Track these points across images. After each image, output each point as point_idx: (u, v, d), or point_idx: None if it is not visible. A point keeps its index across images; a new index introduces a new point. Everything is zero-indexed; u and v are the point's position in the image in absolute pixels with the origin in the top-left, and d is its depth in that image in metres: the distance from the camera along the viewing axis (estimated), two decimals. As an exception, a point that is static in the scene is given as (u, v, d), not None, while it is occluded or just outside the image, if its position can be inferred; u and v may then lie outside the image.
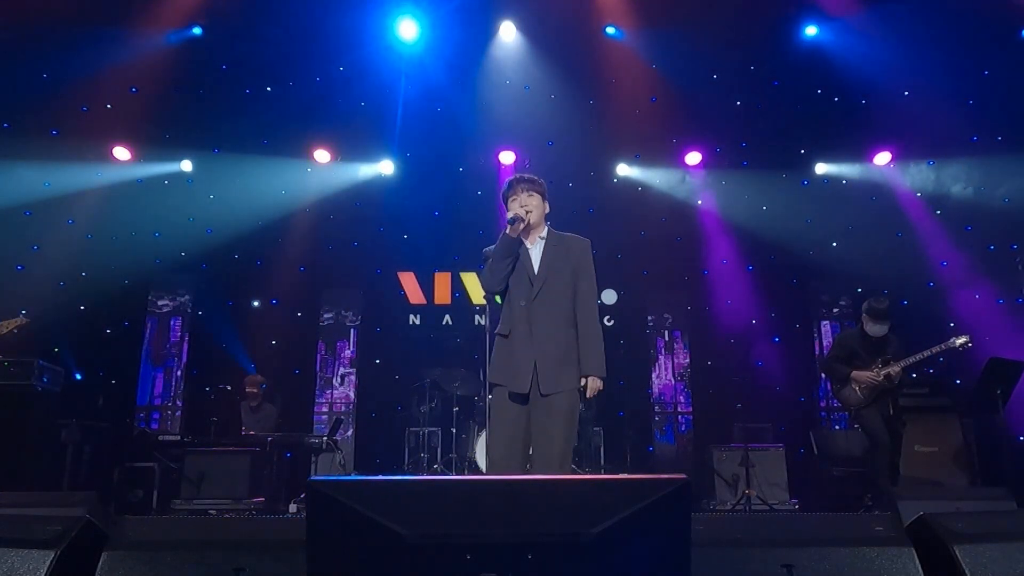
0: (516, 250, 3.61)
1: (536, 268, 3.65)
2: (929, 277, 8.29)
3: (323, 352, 9.47)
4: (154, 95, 7.59)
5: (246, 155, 8.24)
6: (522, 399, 3.54)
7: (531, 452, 3.69)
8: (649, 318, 9.60)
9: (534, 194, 3.68)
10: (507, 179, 3.82)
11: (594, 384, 3.56)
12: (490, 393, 3.75)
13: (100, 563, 2.60)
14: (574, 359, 3.58)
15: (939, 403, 6.72)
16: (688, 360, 9.44)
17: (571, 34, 7.79)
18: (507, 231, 3.57)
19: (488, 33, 7.89)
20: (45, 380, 6.42)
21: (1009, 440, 6.42)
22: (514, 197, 3.69)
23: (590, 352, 3.59)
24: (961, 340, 5.64)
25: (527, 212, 3.62)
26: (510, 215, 3.60)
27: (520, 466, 3.62)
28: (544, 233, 3.73)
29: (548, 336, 3.54)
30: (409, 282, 9.59)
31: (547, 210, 3.77)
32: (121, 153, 8.30)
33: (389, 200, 8.93)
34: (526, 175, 3.79)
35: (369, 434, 9.09)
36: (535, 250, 3.69)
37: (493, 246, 3.69)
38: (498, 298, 3.79)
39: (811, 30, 7.67)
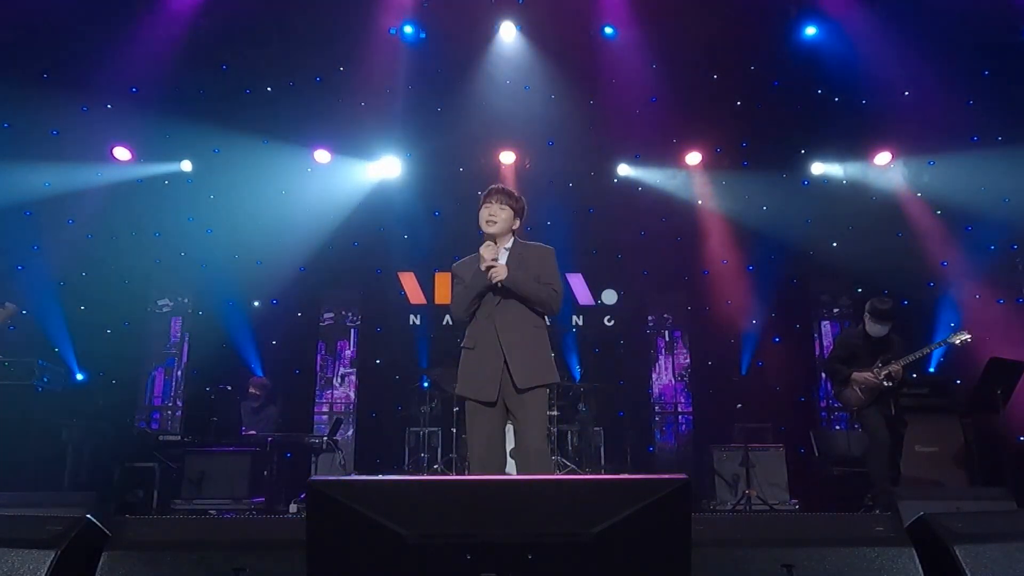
0: (488, 290, 3.65)
1: None
2: (929, 277, 8.28)
3: (323, 352, 9.47)
4: (154, 95, 7.59)
5: (246, 155, 8.21)
6: (491, 404, 3.61)
7: (512, 448, 3.78)
8: (649, 318, 9.60)
9: (506, 207, 3.74)
10: (489, 186, 3.86)
11: (501, 270, 3.56)
12: (457, 406, 3.78)
13: (100, 563, 2.60)
14: (543, 356, 3.68)
15: (939, 403, 6.71)
16: (688, 360, 9.43)
17: (571, 34, 7.78)
18: (482, 270, 3.60)
19: (488, 33, 7.89)
20: (45, 380, 6.43)
21: (1009, 440, 6.41)
22: (487, 205, 3.75)
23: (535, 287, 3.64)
24: (961, 336, 5.64)
25: (493, 260, 3.61)
26: (483, 265, 3.60)
27: (502, 463, 3.75)
28: (509, 244, 3.78)
29: (516, 338, 3.61)
30: (409, 282, 9.58)
31: (516, 226, 3.81)
32: (121, 153, 8.28)
33: (389, 200, 8.92)
34: (507, 188, 3.85)
35: (369, 434, 9.07)
36: (500, 259, 3.73)
37: (463, 260, 3.79)
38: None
39: (811, 30, 7.67)
